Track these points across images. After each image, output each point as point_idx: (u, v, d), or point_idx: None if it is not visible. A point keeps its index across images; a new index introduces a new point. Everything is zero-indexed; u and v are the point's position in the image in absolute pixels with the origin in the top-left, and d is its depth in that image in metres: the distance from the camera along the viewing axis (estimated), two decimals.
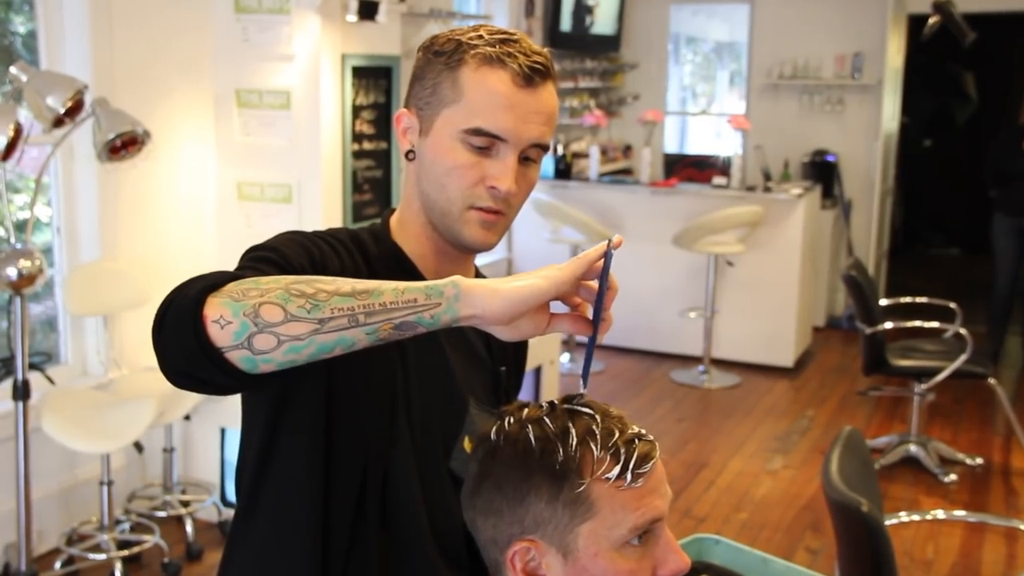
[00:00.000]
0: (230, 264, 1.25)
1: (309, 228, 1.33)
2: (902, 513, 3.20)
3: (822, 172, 7.17)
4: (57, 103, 2.84)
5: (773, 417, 5.45)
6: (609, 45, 7.65)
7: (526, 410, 1.12)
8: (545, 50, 1.24)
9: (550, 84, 1.23)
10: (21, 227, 3.32)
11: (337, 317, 0.97)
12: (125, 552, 3.50)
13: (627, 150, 7.75)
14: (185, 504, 3.82)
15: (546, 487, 1.06)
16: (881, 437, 5.00)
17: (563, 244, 6.25)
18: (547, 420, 1.09)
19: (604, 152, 7.15)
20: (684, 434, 5.18)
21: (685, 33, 8.84)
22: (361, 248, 1.26)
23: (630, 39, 7.92)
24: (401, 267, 1.28)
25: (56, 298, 3.79)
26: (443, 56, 1.22)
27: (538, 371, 5.00)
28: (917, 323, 4.86)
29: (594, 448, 1.06)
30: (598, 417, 1.09)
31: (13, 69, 2.90)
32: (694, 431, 5.25)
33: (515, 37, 1.22)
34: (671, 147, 8.50)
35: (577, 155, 6.93)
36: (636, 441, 1.07)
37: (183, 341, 0.97)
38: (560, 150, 6.68)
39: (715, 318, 6.15)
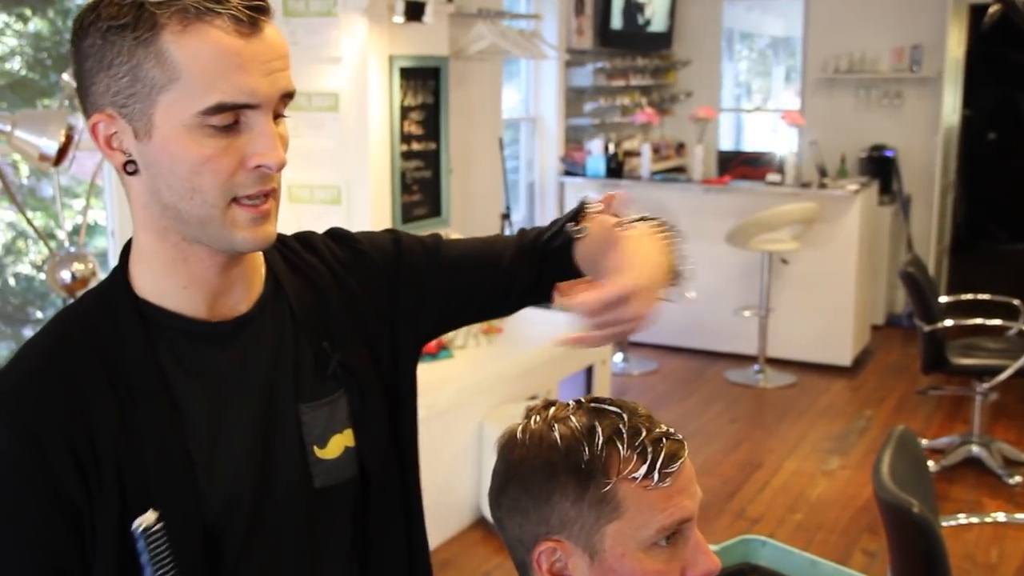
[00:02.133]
0: None
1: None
2: (961, 515, 3.13)
3: (880, 167, 7.03)
4: None
5: (830, 417, 5.35)
6: (661, 42, 7.58)
7: (552, 408, 1.11)
8: None
9: (270, 19, 0.99)
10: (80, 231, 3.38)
11: None
12: None
13: (680, 148, 7.68)
14: None
15: (571, 486, 1.04)
16: (942, 438, 4.89)
17: None
18: (573, 419, 1.07)
19: (656, 150, 7.09)
20: (738, 434, 5.11)
21: (739, 29, 8.73)
22: (99, 350, 1.03)
23: (682, 36, 7.84)
24: (155, 323, 1.06)
25: None
26: (125, 30, 0.94)
27: (590, 371, 4.98)
28: (979, 320, 4.73)
29: (620, 447, 1.04)
30: (625, 416, 1.07)
31: (65, 76, 2.95)
32: (748, 431, 5.17)
33: None
34: (726, 144, 8.41)
35: (629, 153, 6.88)
36: (663, 440, 1.05)
37: None
38: (611, 148, 6.64)
39: (770, 316, 6.06)
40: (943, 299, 4.84)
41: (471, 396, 3.97)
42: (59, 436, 0.99)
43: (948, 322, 4.53)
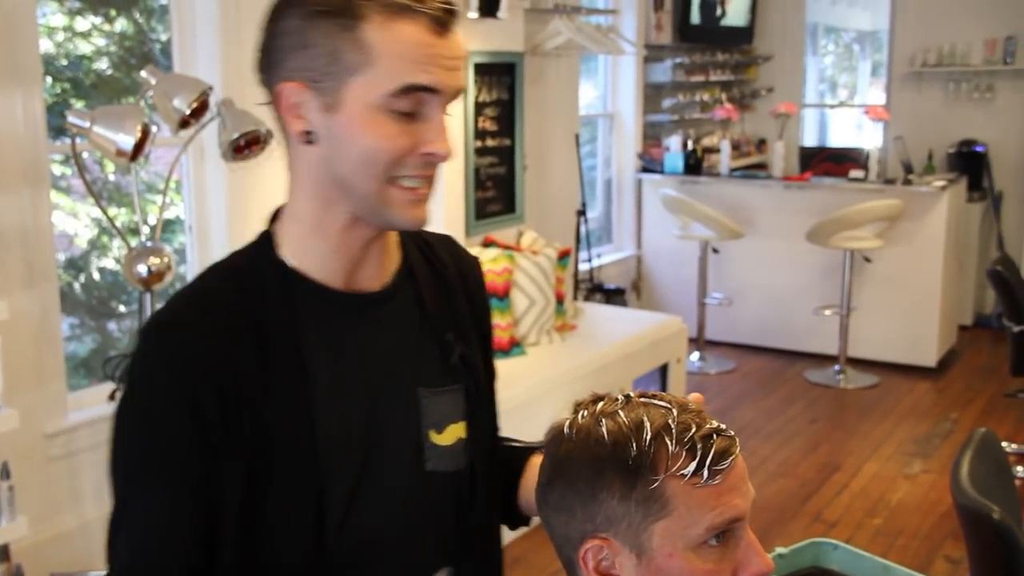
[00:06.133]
0: None
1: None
2: None
3: (970, 163, 6.82)
4: (183, 104, 2.93)
5: (913, 419, 5.20)
6: (741, 37, 7.46)
7: (601, 403, 1.08)
8: None
9: (458, 23, 1.09)
10: (163, 226, 3.44)
11: None
12: None
13: (761, 144, 7.56)
14: None
15: (618, 483, 1.01)
16: None
17: (692, 240, 6.12)
18: (621, 414, 1.04)
19: (736, 147, 6.98)
20: (817, 436, 4.99)
21: (823, 23, 8.56)
22: (246, 300, 1.11)
23: (764, 31, 7.70)
24: (297, 286, 1.13)
25: None
26: (330, 16, 1.04)
27: (664, 369, 4.92)
28: None
29: (669, 443, 1.01)
30: (675, 411, 1.03)
31: (144, 73, 3.01)
32: (827, 432, 5.05)
33: None
34: (810, 140, 8.24)
35: (708, 150, 6.78)
36: (714, 436, 1.02)
37: None
38: (690, 145, 6.55)
39: (852, 316, 5.92)
40: None
41: (542, 394, 3.95)
42: (209, 380, 1.06)
43: None
